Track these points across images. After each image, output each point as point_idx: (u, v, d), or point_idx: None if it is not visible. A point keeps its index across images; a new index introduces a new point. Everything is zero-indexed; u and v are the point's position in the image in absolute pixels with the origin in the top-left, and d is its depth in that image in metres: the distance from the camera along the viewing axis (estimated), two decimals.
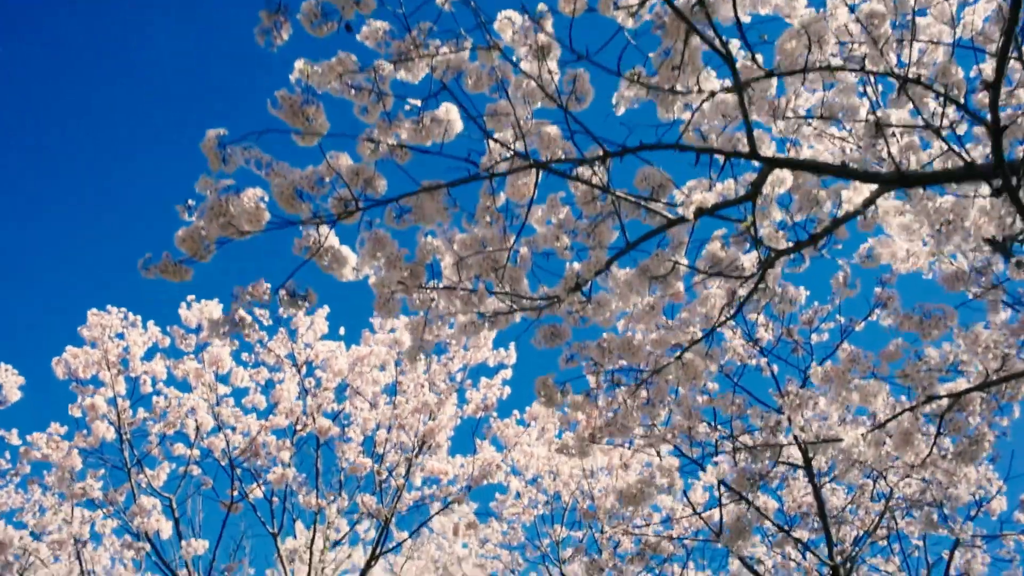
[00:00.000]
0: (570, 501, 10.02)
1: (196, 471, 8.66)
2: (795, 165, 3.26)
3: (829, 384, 4.24)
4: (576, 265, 4.33)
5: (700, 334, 4.90)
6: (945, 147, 3.75)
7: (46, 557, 8.12)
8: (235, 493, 8.62)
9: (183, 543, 7.84)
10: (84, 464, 8.17)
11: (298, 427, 8.95)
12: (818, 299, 7.34)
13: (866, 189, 3.39)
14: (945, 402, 4.07)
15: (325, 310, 9.00)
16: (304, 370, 8.91)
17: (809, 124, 4.03)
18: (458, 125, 3.92)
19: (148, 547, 8.12)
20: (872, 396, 4.40)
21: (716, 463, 5.13)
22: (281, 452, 8.55)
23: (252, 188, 3.72)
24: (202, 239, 3.76)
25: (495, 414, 9.13)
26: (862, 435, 4.23)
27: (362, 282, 4.19)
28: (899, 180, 3.03)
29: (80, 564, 8.84)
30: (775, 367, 6.22)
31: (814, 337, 7.35)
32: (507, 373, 9.14)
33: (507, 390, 9.10)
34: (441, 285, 4.33)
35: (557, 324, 4.69)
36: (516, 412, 9.22)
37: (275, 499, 8.91)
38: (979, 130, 4.42)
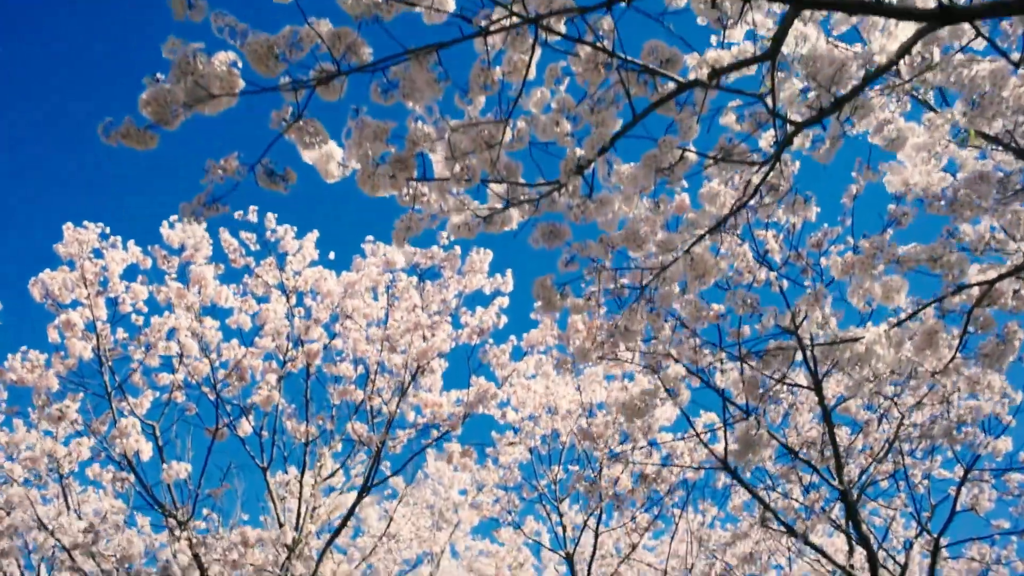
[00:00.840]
0: (567, 440, 9.77)
1: (180, 398, 8.37)
2: (826, 4, 2.93)
3: (850, 275, 3.94)
4: (578, 150, 4.03)
5: (708, 238, 4.61)
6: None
7: (19, 477, 7.85)
8: (223, 426, 8.35)
9: (164, 466, 7.57)
10: (63, 389, 7.87)
11: (286, 360, 8.65)
12: (828, 221, 7.03)
13: (902, 34, 3.06)
14: (976, 292, 3.78)
15: (315, 234, 8.67)
16: (294, 300, 8.58)
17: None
18: (450, 3, 3.62)
19: (132, 477, 7.87)
20: (895, 292, 4.10)
21: (724, 371, 4.85)
22: (268, 375, 8.27)
23: (224, 52, 3.43)
24: (169, 103, 3.45)
25: (491, 340, 8.83)
26: (884, 331, 3.93)
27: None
28: (941, 16, 2.70)
29: (67, 503, 8.61)
30: (784, 283, 5.92)
31: (823, 261, 7.07)
32: (503, 301, 8.83)
33: (504, 319, 8.78)
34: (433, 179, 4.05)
35: (556, 222, 4.40)
36: (513, 338, 8.91)
37: (264, 432, 8.66)
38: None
